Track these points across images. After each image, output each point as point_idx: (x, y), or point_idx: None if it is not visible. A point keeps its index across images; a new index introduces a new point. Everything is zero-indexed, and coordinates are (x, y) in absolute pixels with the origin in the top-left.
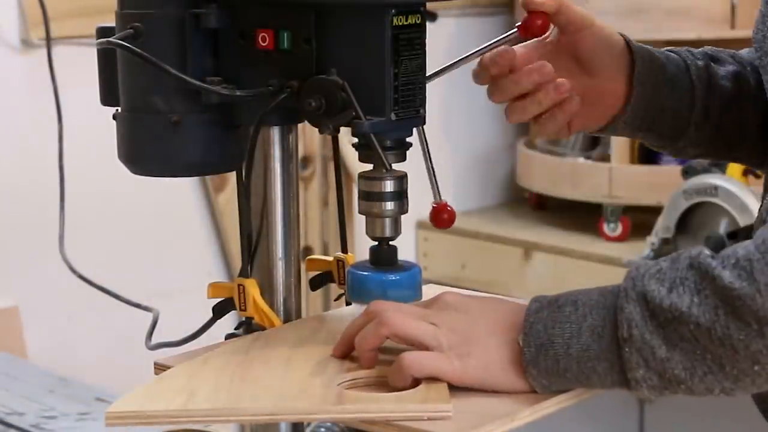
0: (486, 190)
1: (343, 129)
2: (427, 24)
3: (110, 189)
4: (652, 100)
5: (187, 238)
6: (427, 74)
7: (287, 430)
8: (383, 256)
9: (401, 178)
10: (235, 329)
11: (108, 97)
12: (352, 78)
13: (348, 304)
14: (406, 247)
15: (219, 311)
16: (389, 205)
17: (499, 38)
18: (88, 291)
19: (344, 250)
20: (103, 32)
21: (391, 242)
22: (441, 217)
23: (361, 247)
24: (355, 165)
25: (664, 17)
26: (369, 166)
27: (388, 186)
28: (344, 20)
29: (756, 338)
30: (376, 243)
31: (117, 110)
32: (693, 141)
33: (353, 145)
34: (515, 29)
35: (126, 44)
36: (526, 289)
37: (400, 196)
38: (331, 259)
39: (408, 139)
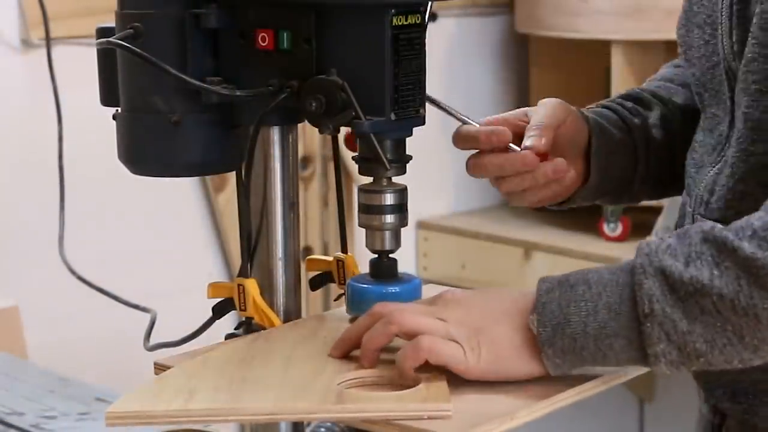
0: (486, 190)
1: (343, 129)
2: (427, 24)
3: (110, 189)
4: (605, 171)
5: (187, 238)
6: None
7: (287, 429)
8: (383, 268)
9: (401, 191)
10: (235, 329)
11: (108, 97)
12: (352, 78)
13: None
14: (406, 248)
15: (219, 311)
16: (389, 218)
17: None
18: (88, 291)
19: (344, 250)
20: (103, 32)
21: (391, 255)
22: None
23: (361, 247)
24: (356, 164)
25: (664, 17)
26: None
27: (389, 199)
28: (344, 20)
29: None
30: (376, 255)
31: (117, 110)
32: (635, 195)
33: (353, 158)
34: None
35: (126, 44)
36: None
37: (401, 209)
38: (331, 259)
39: (416, 141)
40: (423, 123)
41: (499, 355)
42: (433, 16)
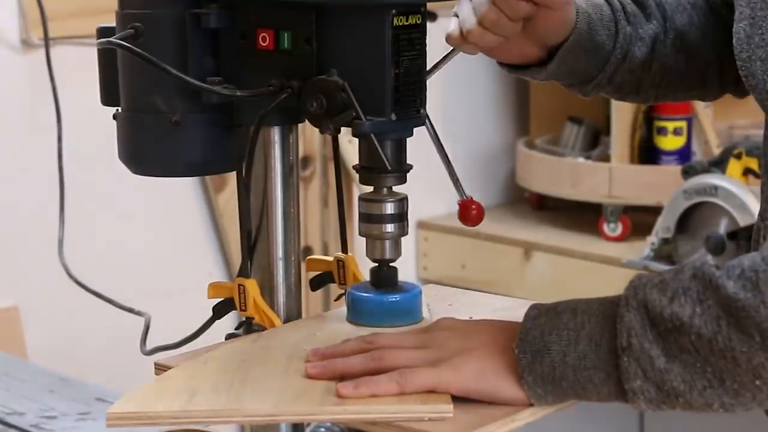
0: (486, 190)
1: (343, 129)
2: (427, 24)
3: (110, 189)
4: (569, 65)
5: (187, 238)
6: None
7: (287, 430)
8: (384, 277)
9: (402, 201)
10: (235, 329)
11: (108, 97)
12: (352, 78)
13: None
14: (406, 247)
15: (219, 311)
16: (389, 228)
17: None
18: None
19: (344, 250)
20: (103, 32)
21: (391, 264)
22: (469, 214)
23: (361, 247)
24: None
25: None
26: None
27: (389, 208)
28: (345, 20)
29: (759, 351)
30: (377, 264)
31: (117, 110)
32: (586, 92)
33: (354, 168)
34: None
35: (126, 44)
36: (526, 289)
37: (401, 218)
38: (331, 259)
39: (416, 141)
40: (423, 123)
41: (482, 374)
42: (433, 16)
